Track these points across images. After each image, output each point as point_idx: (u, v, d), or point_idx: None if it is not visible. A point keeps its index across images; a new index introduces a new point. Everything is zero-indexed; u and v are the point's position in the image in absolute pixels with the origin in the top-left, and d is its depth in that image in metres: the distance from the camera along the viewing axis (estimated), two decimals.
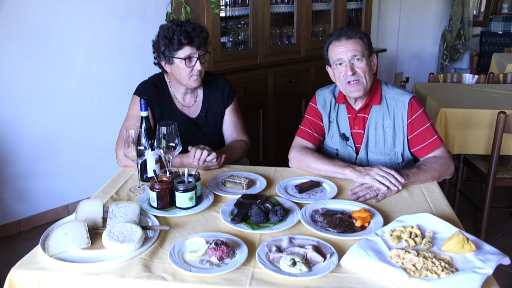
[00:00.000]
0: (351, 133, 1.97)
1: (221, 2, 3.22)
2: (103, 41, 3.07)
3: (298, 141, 2.01)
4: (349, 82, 1.84)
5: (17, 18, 2.72)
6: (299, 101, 3.70)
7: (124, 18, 3.13)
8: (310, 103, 2.06)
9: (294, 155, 1.95)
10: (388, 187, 1.65)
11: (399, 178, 1.67)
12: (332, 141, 2.02)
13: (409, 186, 1.73)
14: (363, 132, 1.94)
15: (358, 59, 1.81)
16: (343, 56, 1.82)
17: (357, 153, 1.97)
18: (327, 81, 2.02)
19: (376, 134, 1.93)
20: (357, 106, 1.93)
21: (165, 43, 1.94)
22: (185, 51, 1.93)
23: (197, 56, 1.95)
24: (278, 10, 3.54)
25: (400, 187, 1.67)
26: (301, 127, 2.04)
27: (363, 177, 1.70)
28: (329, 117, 2.01)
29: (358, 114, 1.94)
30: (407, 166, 1.92)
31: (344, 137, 1.98)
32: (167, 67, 2.01)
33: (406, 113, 1.88)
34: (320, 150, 2.07)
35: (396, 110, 1.90)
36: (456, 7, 6.29)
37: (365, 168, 1.74)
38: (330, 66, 1.92)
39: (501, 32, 6.69)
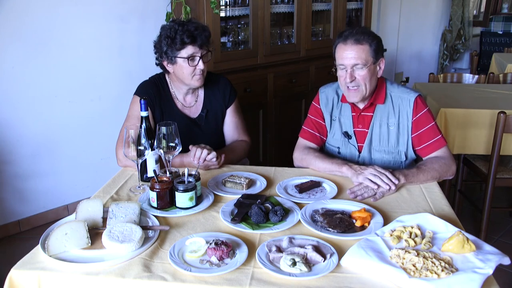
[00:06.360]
0: (354, 131, 1.97)
1: (221, 2, 3.22)
2: (103, 41, 3.07)
3: (301, 141, 2.05)
4: (348, 87, 1.85)
5: (17, 18, 2.71)
6: (299, 101, 3.70)
7: (124, 18, 3.13)
8: (313, 102, 2.06)
9: (297, 155, 2.01)
10: (379, 186, 1.65)
11: (392, 178, 1.67)
12: (334, 139, 2.02)
13: (409, 186, 1.73)
14: (366, 130, 1.94)
15: (360, 68, 1.81)
16: (345, 62, 1.82)
17: (359, 151, 1.97)
18: (326, 81, 2.02)
19: (380, 132, 1.93)
20: (361, 105, 1.93)
21: (168, 43, 1.93)
22: (188, 50, 1.93)
23: (199, 55, 1.94)
24: (278, 10, 3.53)
25: (393, 187, 1.66)
26: (304, 128, 2.06)
27: (357, 176, 1.71)
28: (331, 115, 2.01)
29: (363, 113, 1.94)
30: (410, 165, 1.93)
31: (346, 135, 1.98)
32: (169, 67, 2.00)
33: (411, 112, 1.88)
34: (322, 149, 2.08)
35: (402, 109, 1.90)
36: (456, 7, 6.29)
37: (360, 167, 1.74)
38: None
39: (501, 32, 6.70)
